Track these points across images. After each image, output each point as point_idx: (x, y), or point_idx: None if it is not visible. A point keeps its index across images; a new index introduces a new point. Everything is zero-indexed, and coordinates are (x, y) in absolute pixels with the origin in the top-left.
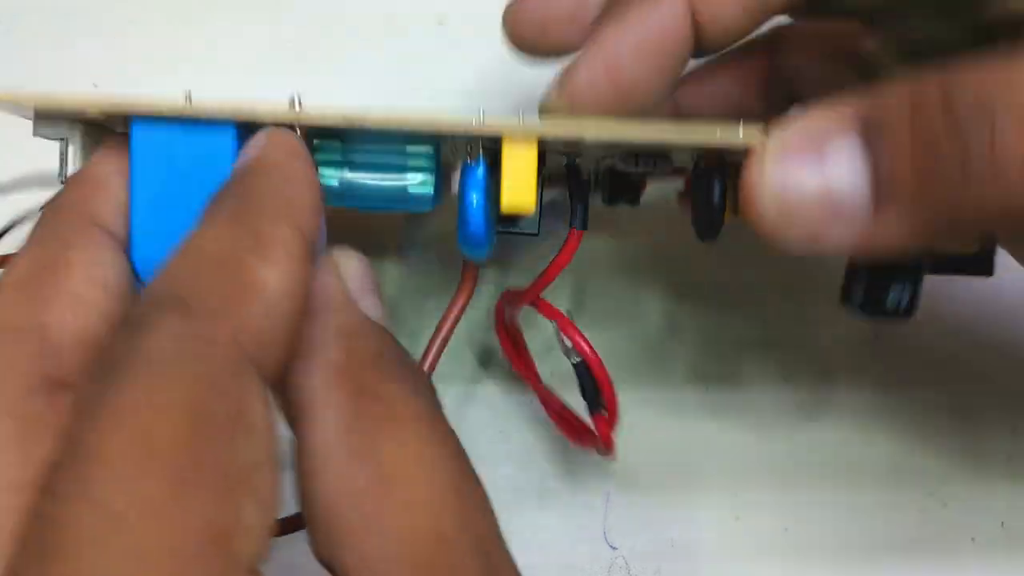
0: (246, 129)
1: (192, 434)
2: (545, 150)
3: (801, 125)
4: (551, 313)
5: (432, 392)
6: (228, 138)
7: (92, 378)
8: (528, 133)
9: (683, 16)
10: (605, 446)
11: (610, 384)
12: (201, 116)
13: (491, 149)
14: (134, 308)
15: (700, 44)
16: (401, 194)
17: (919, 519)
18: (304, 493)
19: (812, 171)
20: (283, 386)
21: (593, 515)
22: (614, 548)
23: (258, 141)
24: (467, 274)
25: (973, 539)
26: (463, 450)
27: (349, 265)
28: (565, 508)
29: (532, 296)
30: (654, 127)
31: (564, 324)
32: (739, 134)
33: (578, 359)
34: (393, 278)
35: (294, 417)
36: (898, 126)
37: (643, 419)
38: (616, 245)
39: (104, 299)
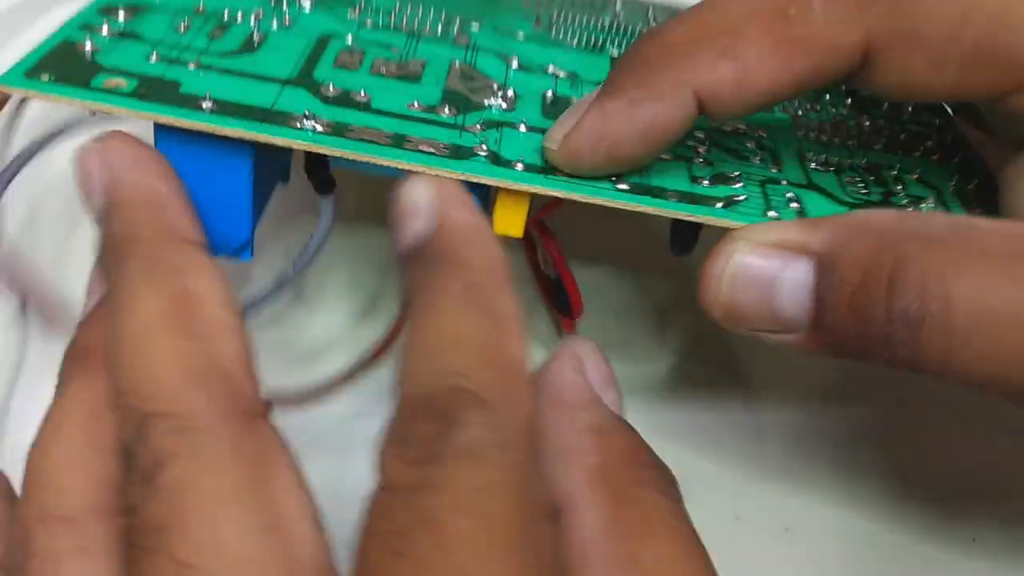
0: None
1: (522, 519)
2: None
3: (771, 239)
4: (542, 232)
5: (676, 489)
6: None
7: (411, 462)
8: (524, 188)
9: (691, 109)
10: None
11: (578, 295)
12: (221, 134)
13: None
14: (428, 395)
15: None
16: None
17: (919, 519)
18: None
19: (765, 286)
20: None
21: None
22: None
23: (424, 194)
24: None
25: (974, 539)
26: (705, 549)
27: (588, 357)
28: None
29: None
30: (640, 202)
31: (548, 242)
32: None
33: (555, 273)
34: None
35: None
36: (846, 283)
37: (643, 420)
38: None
39: (234, 316)
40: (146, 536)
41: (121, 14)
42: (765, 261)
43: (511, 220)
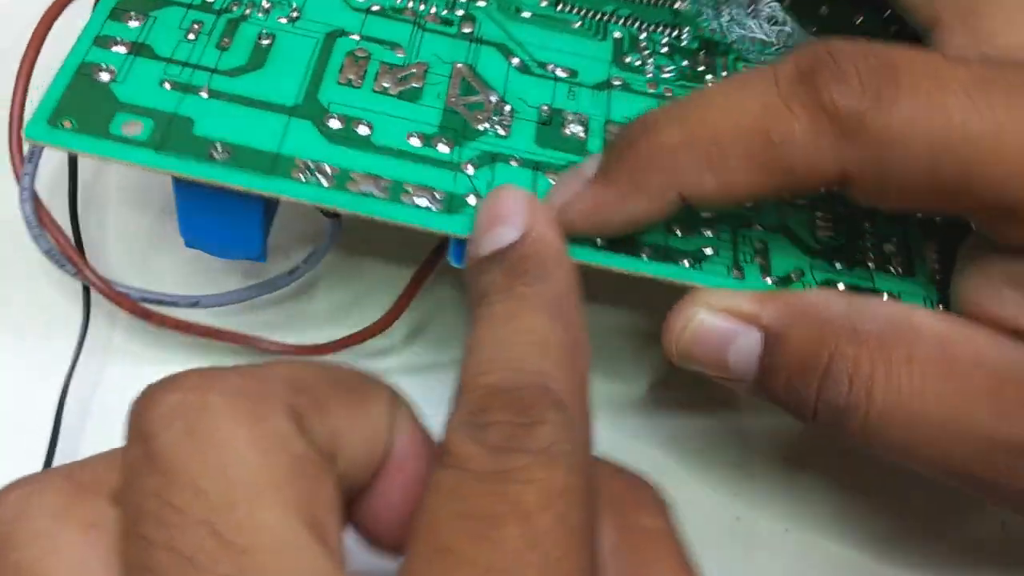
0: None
1: (590, 525)
2: None
3: (729, 306)
4: None
5: (672, 514)
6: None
7: (492, 448)
8: None
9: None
10: None
11: None
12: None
13: None
14: (512, 387)
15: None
16: None
17: (919, 519)
18: None
19: (719, 345)
20: None
21: None
22: None
23: (516, 207)
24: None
25: (975, 539)
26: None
27: None
28: None
29: None
30: (614, 263)
31: None
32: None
33: None
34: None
35: None
36: (786, 365)
37: (643, 420)
38: None
39: None
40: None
41: (132, 20)
42: (722, 324)
43: None
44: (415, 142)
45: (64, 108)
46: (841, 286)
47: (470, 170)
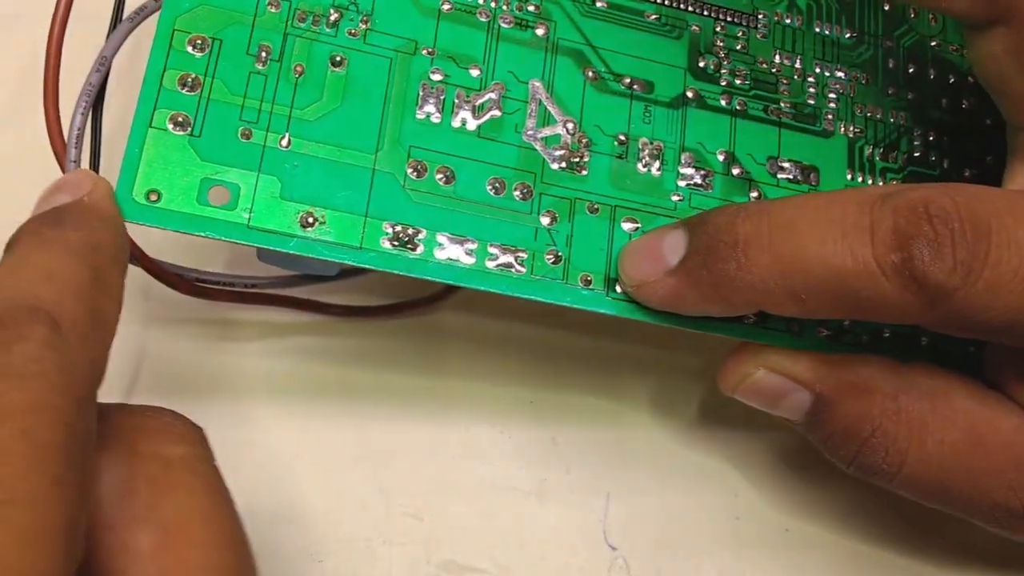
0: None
1: (67, 443)
2: None
3: (786, 369)
4: None
5: (200, 440)
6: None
7: None
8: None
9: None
10: None
11: None
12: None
13: None
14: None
15: None
16: None
17: (919, 519)
18: None
19: (771, 398)
20: None
21: (593, 515)
22: (614, 548)
23: (83, 183)
24: None
25: (974, 541)
26: (229, 498)
27: None
28: (565, 508)
29: None
30: (685, 326)
31: None
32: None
33: None
34: None
35: None
36: (830, 428)
37: (643, 420)
38: None
39: None
40: None
41: (197, 50)
42: (778, 382)
43: None
44: (492, 191)
45: (148, 176)
46: (887, 333)
47: (547, 222)
